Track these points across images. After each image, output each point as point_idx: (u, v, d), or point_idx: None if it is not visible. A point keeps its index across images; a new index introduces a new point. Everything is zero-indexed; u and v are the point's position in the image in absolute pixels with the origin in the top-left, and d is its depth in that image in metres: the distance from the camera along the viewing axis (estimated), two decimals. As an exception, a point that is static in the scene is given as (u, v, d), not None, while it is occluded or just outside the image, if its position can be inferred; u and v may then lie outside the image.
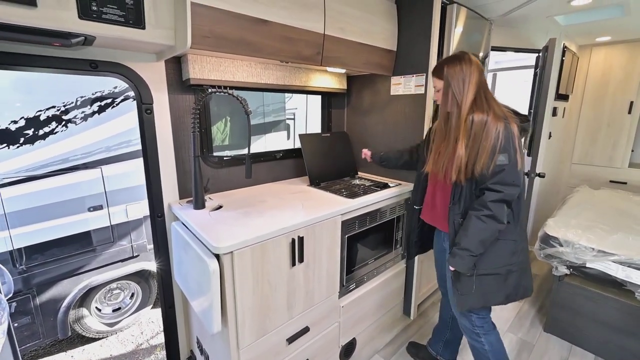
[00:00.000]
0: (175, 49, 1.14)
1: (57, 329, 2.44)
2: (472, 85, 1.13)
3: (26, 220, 2.26)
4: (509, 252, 1.17)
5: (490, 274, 1.17)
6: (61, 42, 0.93)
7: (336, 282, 1.52)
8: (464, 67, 1.14)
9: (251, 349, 1.22)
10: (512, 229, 1.16)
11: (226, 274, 1.08)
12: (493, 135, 1.07)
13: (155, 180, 1.41)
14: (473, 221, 1.12)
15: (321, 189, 1.73)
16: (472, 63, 1.15)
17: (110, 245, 2.64)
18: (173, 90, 1.44)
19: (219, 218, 1.28)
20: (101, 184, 2.55)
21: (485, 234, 1.11)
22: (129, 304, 2.95)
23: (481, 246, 1.13)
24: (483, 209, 1.10)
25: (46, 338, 2.42)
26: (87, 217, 2.49)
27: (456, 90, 1.14)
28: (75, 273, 2.49)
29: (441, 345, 1.59)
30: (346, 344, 1.68)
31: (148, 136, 1.36)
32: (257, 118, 4.02)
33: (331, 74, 1.98)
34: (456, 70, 1.15)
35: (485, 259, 1.16)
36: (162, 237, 1.47)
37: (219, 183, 1.69)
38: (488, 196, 1.10)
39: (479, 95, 1.14)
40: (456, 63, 1.16)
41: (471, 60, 1.15)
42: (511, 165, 1.08)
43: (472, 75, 1.14)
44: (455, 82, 1.15)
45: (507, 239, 1.16)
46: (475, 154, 1.10)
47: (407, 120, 1.85)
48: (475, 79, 1.14)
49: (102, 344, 2.72)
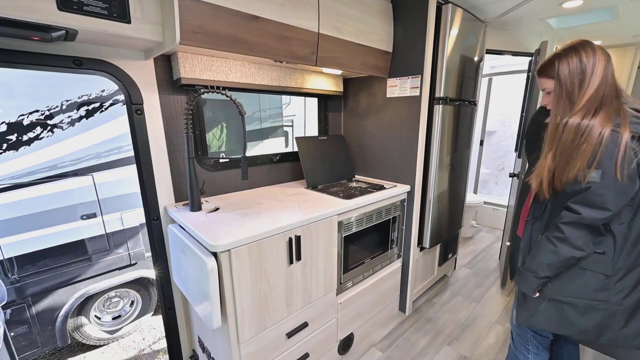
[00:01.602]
0: (164, 46, 1.12)
1: (56, 337, 2.41)
2: (593, 82, 0.89)
3: (14, 229, 2.22)
4: (594, 287, 0.97)
5: (564, 302, 1.01)
6: (40, 36, 0.89)
7: (334, 280, 1.54)
8: (583, 59, 0.90)
9: (251, 343, 1.23)
10: (605, 262, 0.95)
11: (224, 271, 1.09)
12: (593, 142, 0.85)
13: (149, 182, 1.40)
14: (544, 242, 0.99)
15: (318, 192, 1.74)
16: (595, 52, 0.90)
17: (107, 254, 2.61)
18: (164, 91, 1.43)
19: (215, 219, 1.29)
20: (93, 191, 2.52)
21: (552, 257, 0.96)
22: (129, 311, 2.92)
23: (548, 270, 0.99)
24: (555, 231, 0.96)
25: (45, 347, 2.39)
26: (80, 225, 2.46)
27: (570, 90, 0.92)
28: (71, 282, 2.45)
29: None
30: (344, 338, 1.71)
31: (140, 138, 1.35)
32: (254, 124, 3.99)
33: (327, 76, 1.98)
34: (573, 64, 0.91)
35: (564, 284, 1.00)
36: (159, 240, 1.46)
37: (215, 186, 1.68)
38: (564, 216, 0.94)
39: (596, 92, 0.89)
40: (572, 55, 0.92)
41: (594, 49, 0.91)
42: (603, 184, 0.86)
43: (597, 67, 0.89)
44: (570, 80, 0.92)
45: (597, 271, 0.96)
46: (563, 163, 0.91)
47: (403, 122, 1.87)
48: (600, 74, 0.89)
49: (104, 351, 2.69)
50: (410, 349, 1.81)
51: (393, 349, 1.81)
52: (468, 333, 1.94)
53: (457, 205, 2.24)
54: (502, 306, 2.23)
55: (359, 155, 2.16)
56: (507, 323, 2.02)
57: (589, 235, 0.92)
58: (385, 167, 2.01)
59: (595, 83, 0.89)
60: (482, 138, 4.15)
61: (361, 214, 1.62)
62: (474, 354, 1.77)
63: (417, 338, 1.90)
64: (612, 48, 3.09)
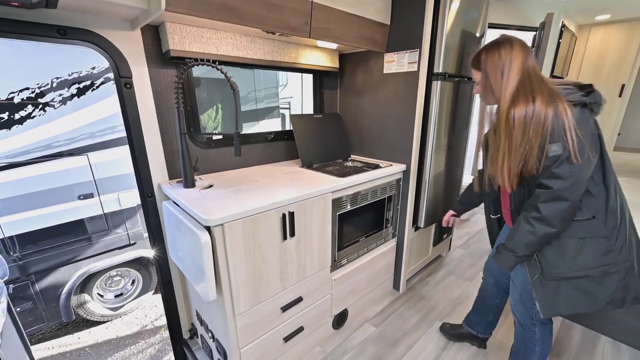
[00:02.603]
0: (150, 14, 1.07)
1: (61, 313, 2.48)
2: (514, 74, 0.97)
3: (13, 208, 2.23)
4: (600, 252, 0.99)
5: (580, 278, 1.01)
6: (20, 1, 0.86)
7: (328, 257, 1.55)
8: (502, 54, 0.99)
9: (247, 315, 1.25)
10: (599, 225, 0.98)
11: (218, 245, 1.09)
12: (542, 122, 0.91)
13: (142, 158, 1.39)
14: (521, 224, 1.03)
15: (313, 170, 1.72)
16: (513, 48, 0.99)
17: (106, 234, 2.64)
18: (153, 64, 1.39)
19: (209, 195, 1.28)
20: (89, 171, 2.51)
21: (530, 237, 1.01)
22: (130, 290, 2.99)
23: (526, 249, 1.04)
24: (532, 210, 0.99)
25: (51, 322, 2.46)
26: (78, 205, 2.46)
27: (494, 82, 1.01)
28: (72, 261, 2.49)
29: (483, 325, 1.61)
30: (338, 314, 1.75)
31: (130, 113, 1.32)
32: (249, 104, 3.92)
33: (322, 51, 1.92)
34: (494, 59, 1.01)
35: (572, 260, 1.00)
36: (154, 216, 1.46)
37: (209, 164, 1.67)
38: (539, 196, 0.97)
39: (522, 85, 0.97)
40: (494, 50, 1.01)
41: (512, 45, 0.99)
42: (566, 154, 0.91)
43: (514, 62, 0.98)
44: (492, 73, 1.01)
45: (595, 236, 0.99)
46: (522, 154, 0.95)
47: (399, 99, 1.82)
48: (518, 66, 0.97)
49: (108, 327, 2.78)
50: (402, 325, 1.86)
51: (386, 325, 1.86)
52: (460, 310, 1.98)
53: (454, 186, 2.23)
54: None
55: (355, 134, 2.14)
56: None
57: (566, 210, 0.95)
58: (382, 146, 1.99)
59: (514, 77, 0.97)
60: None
61: (356, 192, 1.61)
62: (465, 328, 1.81)
63: (410, 314, 1.95)
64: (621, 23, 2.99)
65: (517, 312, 1.26)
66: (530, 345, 1.26)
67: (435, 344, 1.71)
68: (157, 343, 2.56)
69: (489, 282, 1.51)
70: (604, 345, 1.69)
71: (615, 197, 1.00)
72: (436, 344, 1.71)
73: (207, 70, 1.96)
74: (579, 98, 0.93)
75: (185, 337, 1.69)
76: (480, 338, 1.66)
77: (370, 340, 1.74)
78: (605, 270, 0.99)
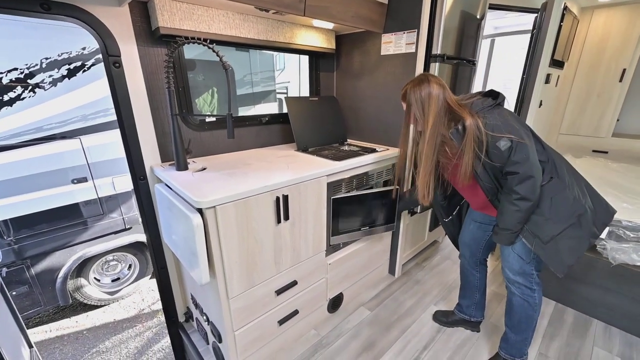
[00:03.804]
0: (137, -12, 1.03)
1: (57, 297, 2.49)
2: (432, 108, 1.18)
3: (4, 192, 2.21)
4: (568, 202, 1.17)
5: (565, 229, 1.17)
6: None
7: (323, 241, 1.55)
8: (422, 92, 1.19)
9: (240, 299, 1.25)
10: (558, 182, 1.17)
11: (210, 228, 1.08)
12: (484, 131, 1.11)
13: (133, 140, 1.36)
14: (506, 206, 1.17)
15: (308, 154, 1.70)
16: (430, 85, 1.19)
17: (101, 218, 2.63)
18: (143, 42, 1.34)
19: (202, 178, 1.26)
20: (82, 155, 2.47)
21: (518, 214, 1.16)
22: (127, 274, 3.00)
23: (519, 224, 1.18)
24: (512, 194, 1.15)
25: (47, 305, 2.47)
26: (71, 189, 2.44)
27: (418, 114, 1.22)
28: (67, 245, 2.49)
29: (473, 307, 1.67)
30: (333, 298, 1.76)
31: (120, 92, 1.28)
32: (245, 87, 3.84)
33: (318, 31, 1.86)
34: (416, 96, 1.21)
35: (553, 220, 1.17)
36: (147, 199, 1.44)
37: (202, 147, 1.64)
38: (511, 181, 1.14)
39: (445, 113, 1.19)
40: (416, 89, 1.21)
41: (429, 83, 1.19)
42: (515, 142, 1.09)
43: (431, 98, 1.18)
44: (415, 106, 1.22)
45: (560, 191, 1.17)
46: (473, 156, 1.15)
47: (396, 81, 1.78)
48: (434, 102, 1.18)
49: (105, 311, 2.80)
50: (397, 308, 1.87)
51: (381, 308, 1.87)
52: (454, 294, 2.00)
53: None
54: (490, 269, 2.27)
55: (351, 117, 2.10)
56: (492, 286, 2.08)
57: (535, 183, 1.12)
58: (379, 130, 1.95)
59: (432, 109, 1.18)
60: (481, 103, 4.04)
61: (352, 176, 1.59)
62: (459, 312, 1.83)
63: (405, 298, 1.96)
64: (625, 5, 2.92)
65: (516, 283, 1.33)
66: (531, 312, 1.34)
67: (429, 328, 1.73)
68: (154, 326, 2.59)
69: (465, 256, 1.59)
70: (595, 329, 1.72)
71: (557, 156, 1.22)
72: (430, 328, 1.73)
73: (201, 52, 1.91)
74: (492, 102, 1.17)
75: (181, 320, 1.70)
76: (473, 322, 1.68)
77: (365, 323, 1.76)
78: (579, 214, 1.17)
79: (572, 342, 1.64)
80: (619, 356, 1.55)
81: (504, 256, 1.33)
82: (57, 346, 2.38)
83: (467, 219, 1.55)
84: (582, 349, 1.60)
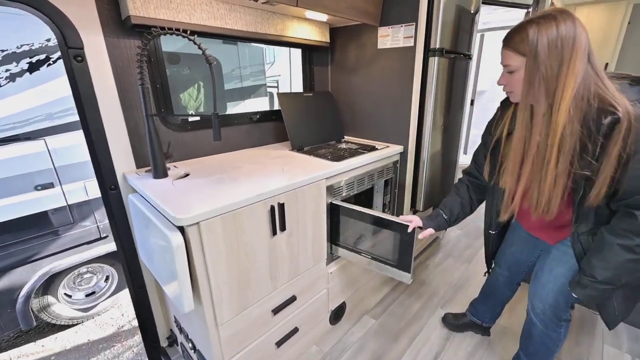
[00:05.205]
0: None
1: (18, 320, 2.22)
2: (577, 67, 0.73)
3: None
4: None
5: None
6: None
7: (323, 250, 1.41)
8: (562, 35, 0.73)
9: (232, 325, 1.10)
10: None
11: (193, 248, 0.92)
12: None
13: (101, 144, 1.17)
14: (617, 251, 0.83)
15: (304, 154, 1.56)
16: (575, 26, 0.74)
17: (70, 227, 2.38)
18: (111, 33, 1.15)
19: (183, 187, 1.09)
20: (47, 157, 2.22)
21: (631, 265, 0.83)
22: (104, 287, 2.75)
23: (626, 278, 0.86)
24: (634, 237, 0.80)
25: (5, 331, 2.20)
26: (35, 196, 2.18)
27: (549, 74, 0.76)
28: (30, 260, 2.23)
29: (489, 315, 1.53)
30: (335, 308, 1.62)
31: (83, 91, 1.10)
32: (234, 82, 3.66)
33: (311, 23, 1.72)
34: (551, 40, 0.74)
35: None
36: (120, 211, 1.26)
37: (185, 149, 1.46)
38: (635, 202, 0.79)
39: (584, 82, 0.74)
40: (551, 25, 0.74)
41: (575, 23, 0.74)
42: None
43: (577, 50, 0.73)
44: (547, 61, 0.75)
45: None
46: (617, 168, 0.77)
47: (394, 76, 1.67)
48: (581, 58, 0.73)
49: (78, 330, 2.55)
50: (404, 314, 1.77)
51: (386, 316, 1.77)
52: (461, 294, 1.93)
53: (450, 166, 2.15)
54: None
55: (348, 113, 1.97)
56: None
57: None
58: (377, 127, 1.84)
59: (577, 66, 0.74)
60: (472, 97, 4.03)
61: (352, 177, 1.47)
62: (466, 317, 1.75)
63: (411, 302, 1.87)
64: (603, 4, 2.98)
65: (542, 315, 1.11)
66: (552, 347, 1.15)
67: (439, 334, 1.64)
68: (135, 345, 2.37)
69: (503, 275, 1.38)
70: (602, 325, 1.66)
71: None
72: (439, 334, 1.64)
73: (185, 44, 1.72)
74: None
75: (163, 345, 1.53)
76: (484, 327, 1.59)
77: (370, 334, 1.64)
78: None
79: (582, 341, 1.58)
80: (628, 353, 1.51)
81: (539, 282, 1.10)
82: (20, 377, 2.13)
83: (511, 237, 1.29)
84: (592, 347, 1.54)
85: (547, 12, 0.76)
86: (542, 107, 0.81)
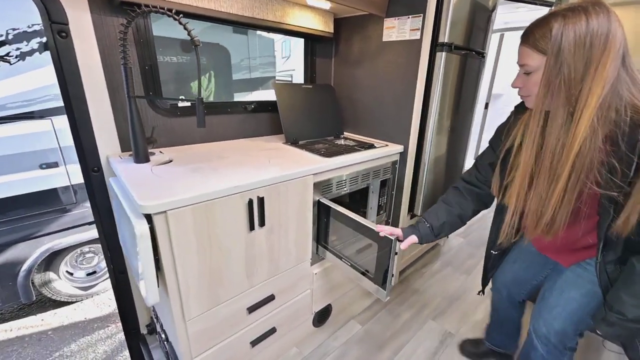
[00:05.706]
0: None
1: (19, 293, 2.29)
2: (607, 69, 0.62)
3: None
4: None
5: None
6: None
7: (308, 249, 1.35)
8: (593, 31, 0.62)
9: (201, 320, 1.06)
10: None
11: (160, 238, 0.88)
12: None
13: (85, 126, 1.14)
14: None
15: (298, 148, 1.49)
16: (610, 21, 0.62)
17: (73, 207, 2.42)
18: (98, 10, 1.12)
19: (161, 173, 1.05)
20: (54, 137, 2.25)
21: None
22: (104, 267, 2.80)
23: None
24: None
25: (6, 303, 2.27)
26: (39, 175, 2.22)
27: (572, 77, 0.65)
28: (32, 237, 2.28)
29: (506, 339, 1.39)
30: (320, 310, 1.56)
31: (66, 68, 1.07)
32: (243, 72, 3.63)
33: (314, 12, 1.64)
34: (579, 36, 0.63)
35: None
36: (102, 194, 1.24)
37: (173, 135, 1.43)
38: None
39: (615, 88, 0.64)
40: (580, 19, 0.63)
41: (609, 17, 0.63)
42: None
43: (610, 50, 0.62)
44: (572, 60, 0.64)
45: None
46: None
47: (399, 71, 1.57)
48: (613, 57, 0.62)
49: (76, 308, 2.60)
50: (392, 323, 1.69)
51: (373, 322, 1.69)
52: (455, 307, 1.82)
53: (455, 171, 2.03)
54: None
55: (349, 109, 1.88)
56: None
57: None
58: (378, 124, 1.74)
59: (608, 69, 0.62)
60: (487, 100, 3.83)
61: (344, 175, 1.39)
62: (459, 331, 1.65)
63: (401, 311, 1.78)
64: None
65: (546, 340, 1.00)
66: None
67: (426, 348, 1.55)
68: (127, 328, 2.40)
69: (502, 295, 1.27)
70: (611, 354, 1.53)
71: None
72: (427, 348, 1.55)
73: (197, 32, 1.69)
74: None
75: (143, 332, 1.51)
76: (508, 355, 1.42)
77: (354, 340, 1.57)
78: None
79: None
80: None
81: (546, 304, 0.99)
82: (16, 348, 2.19)
83: (515, 253, 1.20)
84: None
85: (578, 3, 0.65)
86: (560, 116, 0.69)
